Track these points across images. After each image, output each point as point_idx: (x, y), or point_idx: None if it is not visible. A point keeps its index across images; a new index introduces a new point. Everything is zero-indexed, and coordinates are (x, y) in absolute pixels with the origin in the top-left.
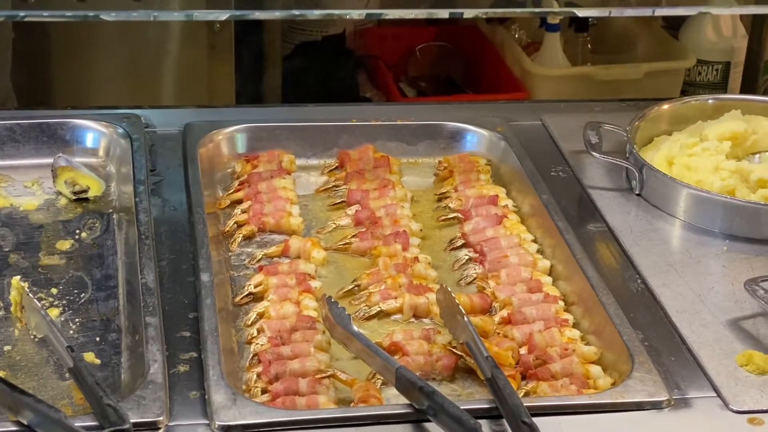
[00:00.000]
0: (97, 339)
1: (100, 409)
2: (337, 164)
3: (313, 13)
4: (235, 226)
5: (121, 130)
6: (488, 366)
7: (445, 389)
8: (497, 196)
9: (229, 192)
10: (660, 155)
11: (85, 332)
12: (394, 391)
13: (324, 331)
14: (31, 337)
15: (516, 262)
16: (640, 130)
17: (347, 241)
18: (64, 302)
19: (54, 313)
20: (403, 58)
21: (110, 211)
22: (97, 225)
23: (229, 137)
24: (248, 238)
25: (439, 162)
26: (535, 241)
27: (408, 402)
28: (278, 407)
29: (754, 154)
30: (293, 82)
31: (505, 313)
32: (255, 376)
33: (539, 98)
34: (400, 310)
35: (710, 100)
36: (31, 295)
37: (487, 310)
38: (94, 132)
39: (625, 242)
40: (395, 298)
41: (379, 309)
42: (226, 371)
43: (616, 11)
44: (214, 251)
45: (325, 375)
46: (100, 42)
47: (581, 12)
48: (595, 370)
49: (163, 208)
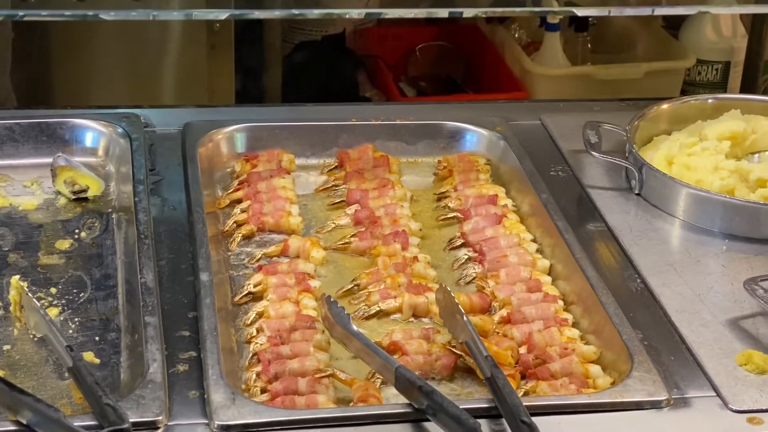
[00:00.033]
0: (97, 338)
1: (100, 409)
2: (336, 164)
3: (313, 13)
4: (235, 225)
5: (120, 130)
6: (487, 365)
7: (445, 389)
8: (497, 195)
9: (229, 191)
10: (659, 155)
11: (85, 332)
12: (393, 390)
13: (323, 331)
14: (31, 337)
15: (515, 261)
16: (640, 130)
17: (346, 241)
18: (64, 302)
19: (53, 312)
20: (403, 58)
21: (109, 210)
22: (96, 224)
23: (229, 137)
24: (247, 238)
25: (439, 161)
26: (534, 241)
27: (407, 401)
28: (277, 407)
29: (753, 153)
30: (293, 81)
31: (504, 313)
32: (254, 376)
33: (539, 98)
34: (399, 310)
35: (710, 100)
36: (30, 295)
37: (487, 310)
38: (94, 131)
39: (624, 242)
40: (394, 298)
41: (378, 308)
42: (226, 371)
43: (616, 10)
44: (214, 251)
45: (324, 374)
46: (100, 41)
47: (581, 11)
48: (595, 369)
49: (162, 207)
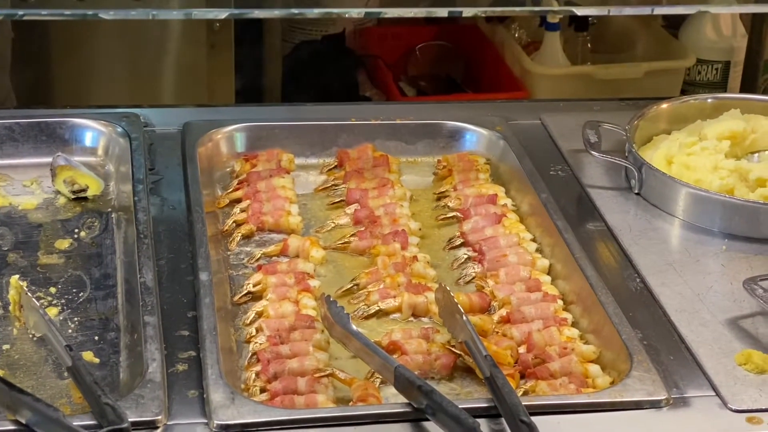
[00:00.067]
0: (96, 338)
1: (99, 408)
2: (336, 163)
3: (312, 12)
4: (234, 225)
5: (120, 129)
6: (487, 365)
7: (444, 388)
8: (496, 195)
9: (228, 191)
10: (659, 154)
11: (84, 331)
12: (392, 390)
13: (323, 330)
14: (30, 336)
15: (515, 261)
16: (640, 130)
17: (346, 240)
18: (63, 301)
19: (53, 312)
20: (403, 58)
21: (109, 210)
22: (95, 224)
23: (228, 136)
24: (247, 237)
25: (438, 161)
26: (534, 240)
27: (407, 401)
28: (277, 406)
29: (753, 153)
30: (293, 81)
31: (503, 312)
32: (254, 375)
33: (539, 97)
34: (398, 309)
35: (709, 99)
36: (29, 294)
37: (486, 309)
38: (93, 131)
39: (624, 241)
40: (394, 297)
41: (377, 308)
42: (225, 370)
43: (615, 10)
44: (213, 250)
45: (323, 374)
46: (100, 41)
47: (580, 11)
48: (594, 369)
49: (161, 207)
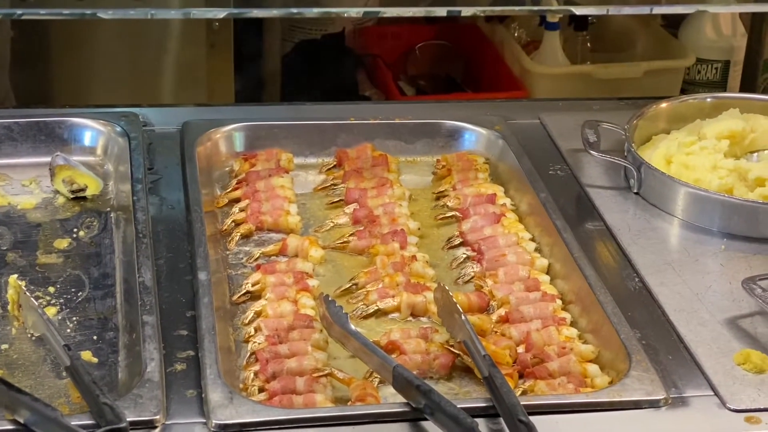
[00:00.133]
0: (95, 337)
1: (97, 408)
2: (335, 163)
3: (312, 11)
4: (233, 224)
5: (119, 129)
6: (485, 364)
7: (443, 388)
8: (495, 194)
9: (227, 190)
10: (658, 154)
11: (83, 331)
12: (391, 389)
13: (321, 330)
14: (28, 336)
15: (514, 260)
16: (639, 129)
17: (345, 240)
18: (62, 301)
19: (51, 311)
20: (403, 57)
21: (108, 209)
22: (94, 223)
23: (227, 136)
24: (246, 237)
25: (438, 160)
26: (532, 240)
27: (405, 401)
28: (275, 406)
29: (752, 152)
30: (292, 80)
31: (502, 312)
32: (252, 375)
33: (538, 97)
34: (397, 309)
35: (709, 99)
36: (28, 294)
37: (485, 309)
38: (92, 130)
39: (623, 241)
40: (393, 297)
41: (376, 307)
42: (223, 370)
43: (615, 9)
44: (212, 250)
45: (322, 374)
46: (99, 40)
47: (580, 10)
48: (593, 368)
49: (160, 206)
